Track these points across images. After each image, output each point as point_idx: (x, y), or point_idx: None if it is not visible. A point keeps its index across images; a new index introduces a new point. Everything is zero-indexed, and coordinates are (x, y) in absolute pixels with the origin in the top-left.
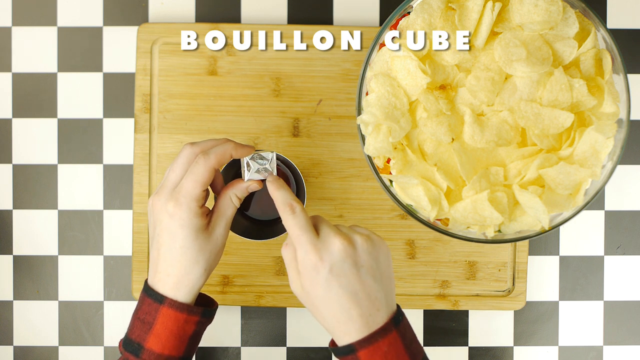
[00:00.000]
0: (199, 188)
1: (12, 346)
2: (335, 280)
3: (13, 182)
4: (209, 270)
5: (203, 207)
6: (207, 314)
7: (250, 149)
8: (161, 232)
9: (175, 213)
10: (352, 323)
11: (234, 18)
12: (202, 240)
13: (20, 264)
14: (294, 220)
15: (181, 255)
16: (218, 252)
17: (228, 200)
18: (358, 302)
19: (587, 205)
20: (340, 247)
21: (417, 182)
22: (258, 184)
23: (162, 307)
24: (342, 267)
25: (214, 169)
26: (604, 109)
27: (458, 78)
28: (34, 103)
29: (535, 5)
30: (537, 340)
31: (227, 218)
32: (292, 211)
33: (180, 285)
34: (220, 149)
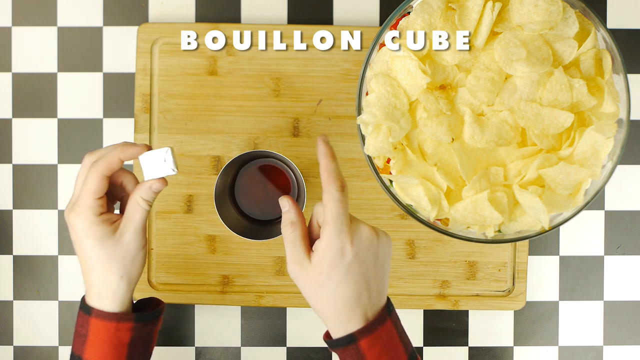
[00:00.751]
0: (90, 197)
1: (12, 346)
2: (357, 266)
3: (13, 182)
4: (129, 276)
5: (103, 214)
6: (142, 319)
7: (140, 148)
8: (74, 244)
9: (75, 224)
10: (358, 310)
11: (234, 18)
12: (109, 247)
13: (20, 264)
14: (341, 198)
15: (93, 265)
16: (134, 258)
17: (135, 204)
18: (369, 290)
19: (587, 205)
20: (369, 235)
21: (417, 182)
22: (161, 182)
23: (91, 318)
24: (366, 255)
25: (104, 175)
26: (604, 109)
27: (458, 78)
28: (34, 103)
29: (535, 5)
30: (537, 340)
31: (136, 222)
32: (341, 188)
33: (102, 295)
34: (108, 156)
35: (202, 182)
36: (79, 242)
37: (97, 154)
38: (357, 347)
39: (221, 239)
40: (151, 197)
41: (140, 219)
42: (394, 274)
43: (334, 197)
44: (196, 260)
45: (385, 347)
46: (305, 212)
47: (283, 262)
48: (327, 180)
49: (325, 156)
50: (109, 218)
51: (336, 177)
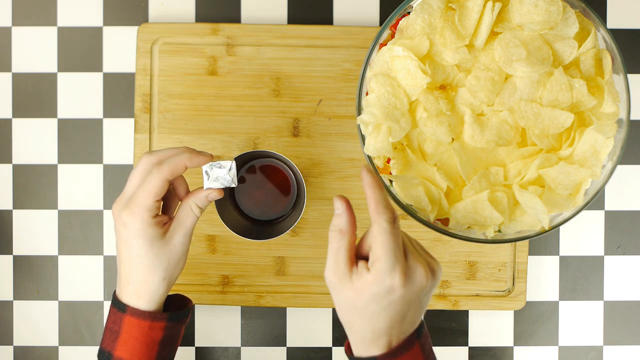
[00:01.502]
0: (150, 199)
1: (12, 346)
2: (399, 305)
3: (13, 182)
4: (169, 278)
5: (157, 216)
6: (174, 318)
7: (207, 158)
8: (119, 241)
9: (128, 222)
10: (386, 338)
11: (234, 18)
12: (157, 249)
13: (20, 264)
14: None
15: (138, 263)
16: (178, 261)
17: (188, 210)
18: (401, 323)
19: (587, 205)
20: (423, 279)
21: (417, 182)
22: (218, 192)
23: (125, 316)
24: (412, 296)
25: (167, 179)
26: (604, 109)
27: (458, 78)
28: (34, 103)
29: (535, 5)
30: (537, 340)
31: (187, 227)
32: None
33: (140, 293)
34: (174, 160)
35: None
36: (128, 241)
37: (159, 155)
38: None
39: (221, 239)
40: (205, 205)
41: (190, 224)
42: None
43: (384, 229)
44: (196, 260)
45: None
46: (305, 211)
47: (283, 262)
48: (375, 210)
49: (371, 186)
50: (161, 220)
51: (386, 207)
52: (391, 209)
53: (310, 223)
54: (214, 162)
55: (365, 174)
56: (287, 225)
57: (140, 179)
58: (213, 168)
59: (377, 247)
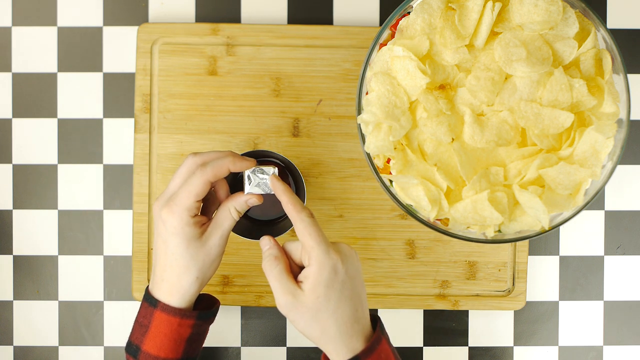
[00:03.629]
0: (191, 199)
1: (12, 346)
2: (349, 282)
3: (13, 182)
4: (203, 278)
5: (196, 216)
6: (203, 317)
7: (250, 163)
8: (157, 238)
9: (167, 220)
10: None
11: (234, 18)
12: (194, 248)
13: (20, 264)
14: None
15: (173, 261)
16: (212, 262)
17: (227, 213)
18: (361, 302)
19: (587, 205)
20: (350, 251)
21: (417, 182)
22: (258, 198)
23: (156, 311)
24: (353, 270)
25: (209, 181)
26: (604, 109)
27: (458, 78)
28: (34, 103)
29: (535, 5)
30: (537, 340)
31: (224, 229)
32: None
33: (173, 291)
34: (218, 163)
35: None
36: (166, 238)
37: (203, 157)
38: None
39: None
40: (244, 210)
41: (228, 227)
42: (393, 274)
43: (308, 223)
44: None
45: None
46: None
47: None
48: (294, 210)
49: (284, 192)
50: (200, 220)
51: (302, 206)
52: (305, 207)
53: None
54: (256, 168)
55: (275, 182)
56: (287, 225)
57: (183, 179)
58: (255, 173)
59: (307, 239)
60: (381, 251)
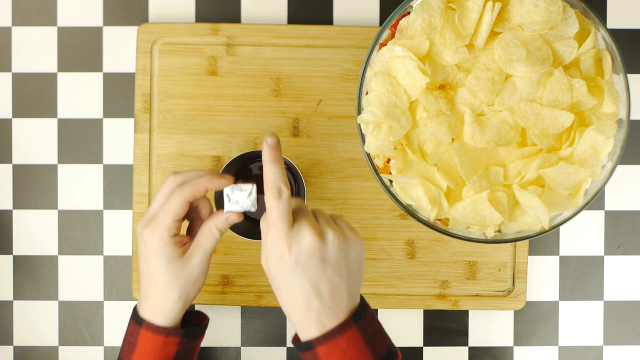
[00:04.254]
0: (170, 218)
1: (12, 346)
2: (300, 272)
3: (13, 182)
4: (186, 297)
5: (177, 236)
6: (189, 335)
7: (228, 181)
8: (140, 257)
9: (147, 240)
10: (310, 315)
11: (234, 18)
12: (174, 267)
13: (20, 264)
14: (276, 205)
15: (155, 280)
16: (195, 281)
17: (208, 232)
18: (319, 295)
19: (587, 205)
20: (310, 241)
21: (417, 182)
22: (238, 216)
23: (141, 330)
24: (308, 261)
25: (187, 201)
26: (604, 109)
27: (458, 78)
28: (34, 103)
29: (535, 5)
30: (537, 340)
31: (205, 249)
32: (278, 195)
33: (156, 310)
34: (196, 182)
35: None
36: (148, 258)
37: (183, 176)
38: (315, 354)
39: (221, 239)
40: (225, 228)
41: (210, 246)
42: (393, 274)
43: (270, 204)
44: None
45: (345, 355)
46: None
47: None
48: (265, 186)
49: (266, 161)
50: (181, 240)
51: (274, 184)
52: (278, 186)
53: None
54: (235, 186)
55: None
56: None
57: (163, 198)
58: (234, 191)
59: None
60: (381, 251)
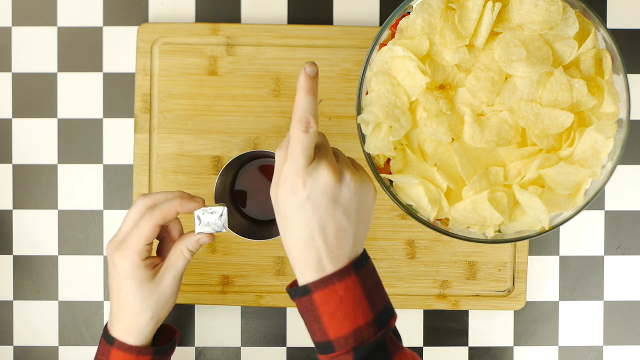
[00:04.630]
0: (141, 242)
1: (12, 346)
2: (309, 208)
3: (13, 182)
4: (157, 317)
5: (148, 258)
6: (160, 352)
7: (198, 204)
8: (110, 279)
9: (118, 264)
10: (310, 254)
11: (234, 18)
12: (146, 290)
13: (20, 264)
14: (301, 138)
15: (126, 303)
16: (167, 302)
17: (179, 253)
18: (324, 235)
19: (587, 205)
20: (327, 180)
21: (417, 182)
22: (209, 237)
23: (112, 349)
24: (320, 199)
25: (158, 224)
26: (604, 109)
27: (458, 78)
28: (34, 103)
29: (535, 5)
30: (537, 340)
31: (177, 270)
32: (305, 128)
33: (128, 330)
34: (166, 206)
35: (202, 182)
36: (119, 280)
37: (153, 198)
38: (311, 299)
39: (221, 239)
40: (196, 249)
41: (181, 267)
42: (393, 274)
43: (295, 136)
44: (196, 260)
45: (341, 304)
46: None
47: (283, 262)
48: (294, 116)
49: (301, 89)
50: (152, 262)
51: (303, 115)
52: (307, 118)
53: None
54: (206, 208)
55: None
56: None
57: (133, 221)
58: (205, 213)
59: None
60: (381, 251)
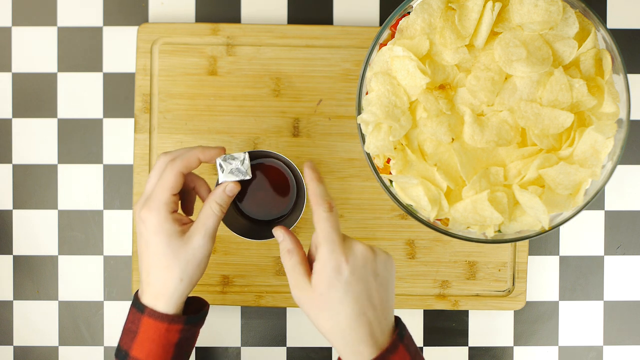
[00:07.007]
0: (167, 193)
1: (12, 346)
2: (355, 284)
3: (13, 182)
4: (188, 279)
5: (175, 212)
6: (191, 321)
7: (219, 150)
8: (139, 240)
9: (146, 218)
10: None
11: (234, 18)
12: (175, 246)
13: (20, 264)
14: (329, 217)
15: (156, 262)
16: (198, 263)
17: (208, 210)
18: (373, 307)
19: (587, 205)
20: (364, 252)
21: (417, 182)
22: (234, 185)
23: (143, 317)
24: (363, 271)
25: (181, 172)
26: (604, 109)
27: (458, 78)
28: (34, 103)
29: (535, 5)
30: (537, 340)
31: (207, 227)
32: (329, 209)
33: (158, 295)
34: (187, 154)
35: None
36: (147, 238)
37: (174, 153)
38: None
39: (221, 239)
40: (225, 202)
41: (211, 225)
42: None
43: (322, 217)
44: None
45: None
46: (305, 211)
47: None
48: (315, 202)
49: (312, 180)
50: (180, 218)
51: (324, 199)
52: (329, 200)
53: (310, 223)
54: (227, 155)
55: (307, 169)
56: (287, 225)
57: (157, 177)
58: (227, 160)
59: (318, 235)
60: None
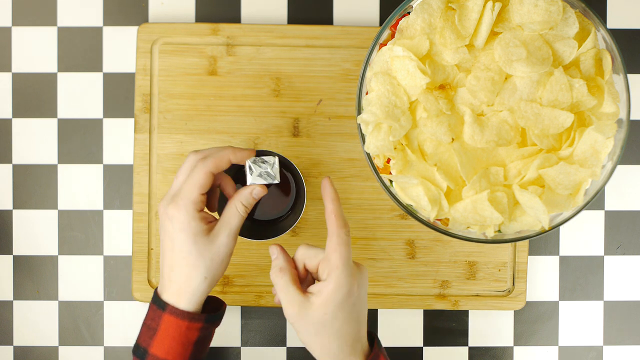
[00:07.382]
0: (196, 191)
1: (12, 346)
2: (358, 305)
3: (13, 182)
4: (211, 278)
5: (202, 211)
6: (211, 320)
7: (250, 153)
8: (163, 236)
9: (173, 216)
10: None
11: (234, 18)
12: (201, 245)
13: (20, 264)
14: (349, 242)
15: (181, 259)
16: (221, 262)
17: (233, 209)
18: (364, 323)
19: (587, 205)
20: (366, 274)
21: (417, 182)
22: (262, 188)
23: (164, 314)
24: (364, 294)
25: (211, 172)
26: (604, 109)
27: (458, 78)
28: (34, 103)
29: (535, 5)
30: (537, 340)
31: (231, 227)
32: (349, 232)
33: (181, 292)
34: (218, 154)
35: None
36: (173, 235)
37: (204, 152)
38: None
39: None
40: (250, 203)
41: (235, 224)
42: (393, 274)
43: (343, 241)
44: None
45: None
46: (305, 211)
47: None
48: (336, 224)
49: (332, 200)
50: (206, 217)
51: (345, 222)
52: (347, 223)
53: (310, 223)
54: (257, 157)
55: (327, 186)
56: (287, 225)
57: (185, 174)
58: (257, 163)
59: (334, 256)
60: (381, 251)
